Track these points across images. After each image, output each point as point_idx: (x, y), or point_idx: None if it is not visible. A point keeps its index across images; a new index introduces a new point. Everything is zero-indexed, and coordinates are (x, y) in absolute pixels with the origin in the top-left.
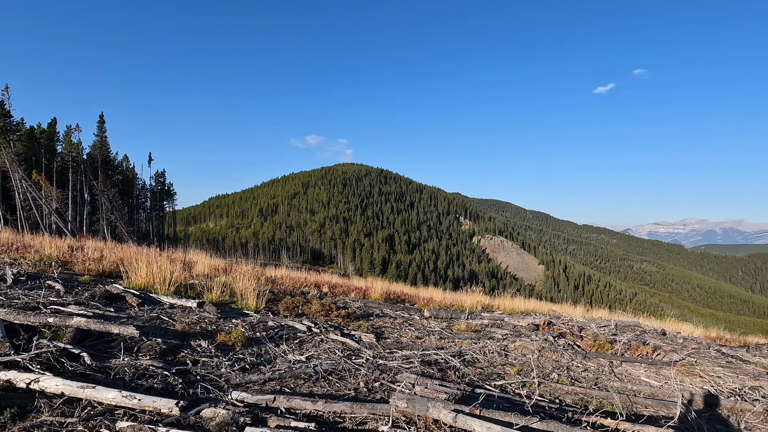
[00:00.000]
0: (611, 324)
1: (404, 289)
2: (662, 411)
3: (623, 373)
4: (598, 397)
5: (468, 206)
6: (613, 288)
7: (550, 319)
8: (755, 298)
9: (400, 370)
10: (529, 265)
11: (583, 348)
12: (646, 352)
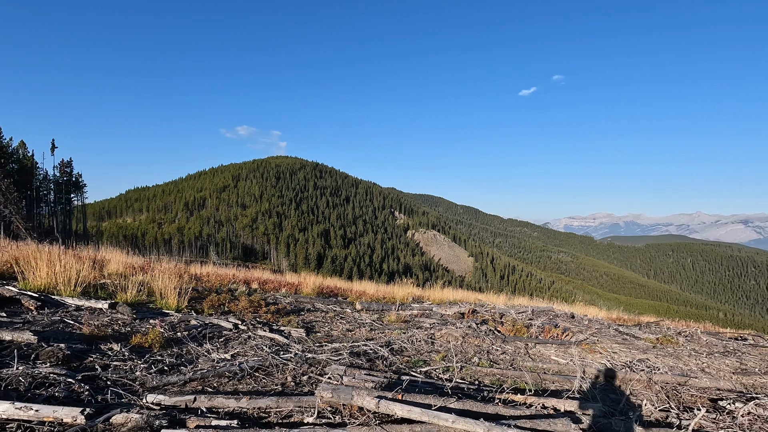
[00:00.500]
0: (528, 310)
1: (338, 284)
2: (566, 385)
3: (537, 353)
4: (512, 377)
5: (403, 201)
6: (534, 277)
7: (475, 308)
8: (650, 283)
9: (329, 362)
10: (460, 257)
11: (503, 333)
12: (556, 334)
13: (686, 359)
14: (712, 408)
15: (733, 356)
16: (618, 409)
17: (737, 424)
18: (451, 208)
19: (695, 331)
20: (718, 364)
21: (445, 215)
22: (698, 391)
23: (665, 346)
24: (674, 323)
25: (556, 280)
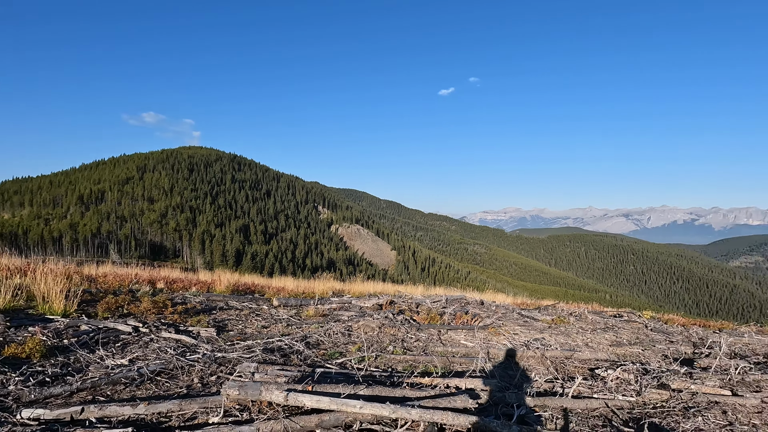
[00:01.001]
0: (443, 299)
1: (255, 280)
2: (471, 366)
3: (448, 339)
4: (423, 362)
5: (326, 195)
6: (452, 268)
7: (393, 299)
8: (552, 271)
9: (241, 360)
10: (383, 251)
11: (418, 321)
12: (467, 320)
13: (574, 336)
14: (590, 376)
15: (611, 331)
16: (513, 384)
17: (607, 388)
18: (375, 202)
19: (583, 311)
20: (599, 339)
21: (368, 210)
22: (581, 363)
23: (559, 325)
24: (568, 305)
25: (471, 270)
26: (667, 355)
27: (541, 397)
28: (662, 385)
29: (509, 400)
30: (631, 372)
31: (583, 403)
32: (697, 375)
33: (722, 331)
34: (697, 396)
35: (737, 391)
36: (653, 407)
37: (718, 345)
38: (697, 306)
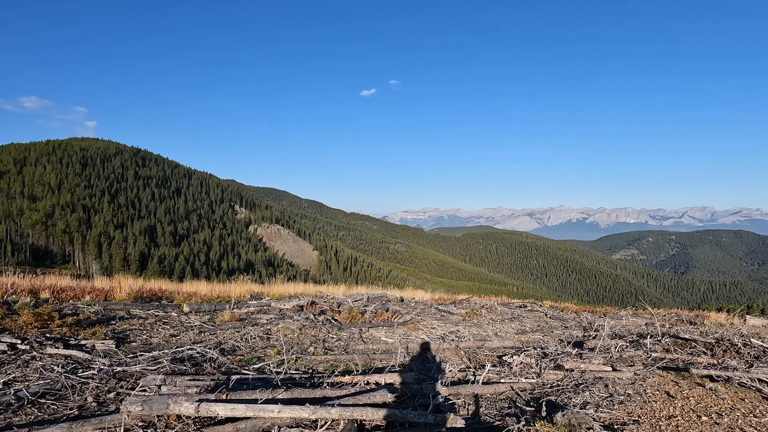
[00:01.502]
0: (364, 297)
1: (163, 286)
2: (391, 361)
3: (369, 336)
4: (345, 361)
5: (244, 194)
6: (374, 267)
7: (314, 300)
8: (467, 267)
9: (145, 373)
10: (305, 251)
11: (340, 321)
12: (387, 317)
13: (485, 327)
14: (498, 363)
15: (517, 321)
16: (430, 375)
17: (512, 372)
18: (296, 202)
19: (493, 303)
20: (506, 328)
21: (289, 209)
22: (491, 351)
23: (472, 318)
24: (480, 299)
25: (393, 268)
26: (562, 339)
27: (455, 386)
28: (558, 366)
29: (426, 391)
30: (532, 356)
31: (492, 388)
32: (585, 355)
33: (606, 316)
34: (586, 373)
35: (616, 367)
36: (550, 386)
37: (602, 328)
38: (588, 294)
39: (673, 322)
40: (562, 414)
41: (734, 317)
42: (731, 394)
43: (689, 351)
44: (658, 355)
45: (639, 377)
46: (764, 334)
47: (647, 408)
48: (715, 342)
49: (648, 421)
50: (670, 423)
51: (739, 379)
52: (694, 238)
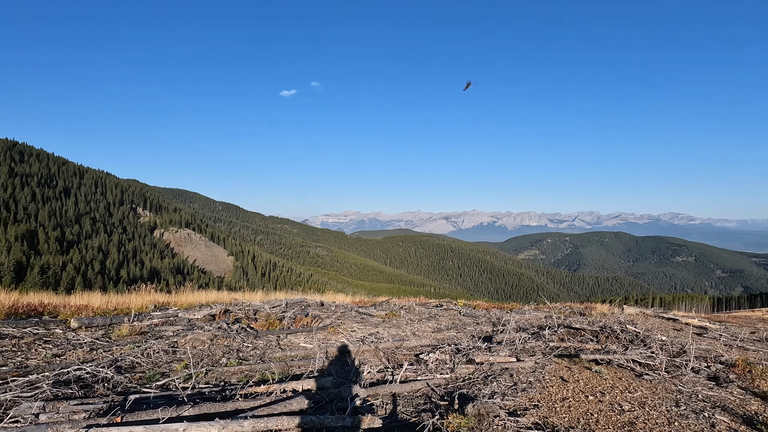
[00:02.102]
0: (282, 303)
1: (46, 299)
2: (310, 367)
3: (287, 343)
4: (261, 370)
5: (148, 196)
6: (294, 272)
7: (228, 308)
8: (387, 269)
9: (18, 401)
10: (219, 257)
11: (256, 328)
12: (307, 322)
13: (404, 327)
14: (416, 361)
15: (434, 319)
16: (349, 378)
17: (428, 369)
18: (209, 204)
19: (412, 304)
20: (424, 327)
21: (201, 212)
22: (409, 351)
23: (391, 319)
24: (399, 300)
25: (313, 272)
26: (474, 335)
27: (374, 387)
28: (470, 361)
29: (344, 394)
30: (447, 353)
31: (409, 386)
32: (494, 348)
33: (512, 311)
34: (494, 366)
35: (520, 357)
36: (463, 380)
37: (508, 322)
38: (497, 292)
39: (567, 314)
40: (473, 405)
41: (615, 307)
42: (612, 375)
43: (579, 339)
44: (554, 344)
45: (539, 365)
46: (637, 321)
47: (545, 393)
48: (599, 330)
49: (546, 405)
50: (563, 404)
51: (617, 361)
52: (583, 239)
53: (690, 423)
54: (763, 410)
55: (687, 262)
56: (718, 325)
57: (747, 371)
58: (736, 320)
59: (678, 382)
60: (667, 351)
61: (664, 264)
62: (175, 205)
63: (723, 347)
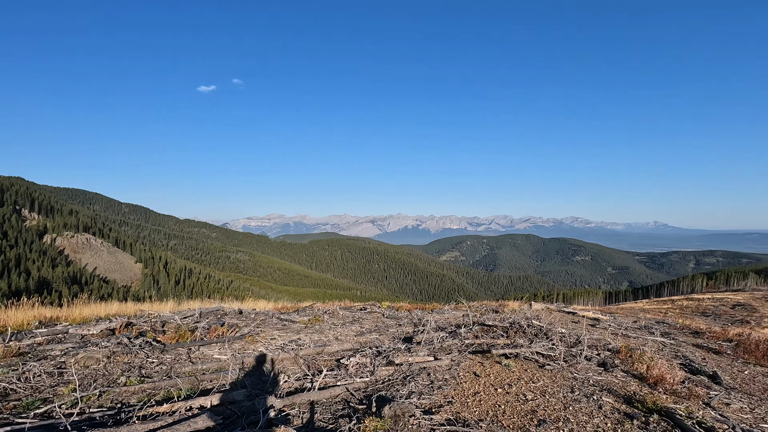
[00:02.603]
0: (196, 313)
1: None
2: (223, 380)
3: (200, 356)
4: (166, 387)
5: (37, 196)
6: (213, 278)
7: (131, 320)
8: (313, 274)
9: None
10: (125, 264)
11: (164, 342)
12: (222, 332)
13: (327, 332)
14: (336, 366)
15: (357, 323)
16: (264, 389)
17: (348, 374)
18: (113, 206)
19: (336, 308)
20: (347, 331)
21: (104, 215)
22: (330, 356)
23: (314, 324)
24: (324, 304)
25: (234, 279)
26: (396, 336)
27: (291, 396)
28: (390, 362)
29: (258, 406)
30: (367, 356)
31: (328, 392)
32: (414, 349)
33: (433, 311)
34: (413, 366)
35: (437, 356)
36: (382, 382)
37: (428, 323)
38: (421, 293)
39: (482, 312)
40: (389, 407)
41: (524, 304)
42: (519, 367)
43: (492, 335)
44: (469, 342)
45: (455, 363)
46: (542, 316)
47: (459, 389)
48: (509, 325)
49: (459, 400)
50: (475, 398)
51: (524, 354)
52: (499, 241)
53: (582, 406)
54: (640, 390)
55: (585, 261)
56: (609, 317)
57: (628, 356)
58: (623, 311)
59: (574, 370)
60: (566, 342)
61: (567, 263)
62: (71, 207)
63: (611, 336)
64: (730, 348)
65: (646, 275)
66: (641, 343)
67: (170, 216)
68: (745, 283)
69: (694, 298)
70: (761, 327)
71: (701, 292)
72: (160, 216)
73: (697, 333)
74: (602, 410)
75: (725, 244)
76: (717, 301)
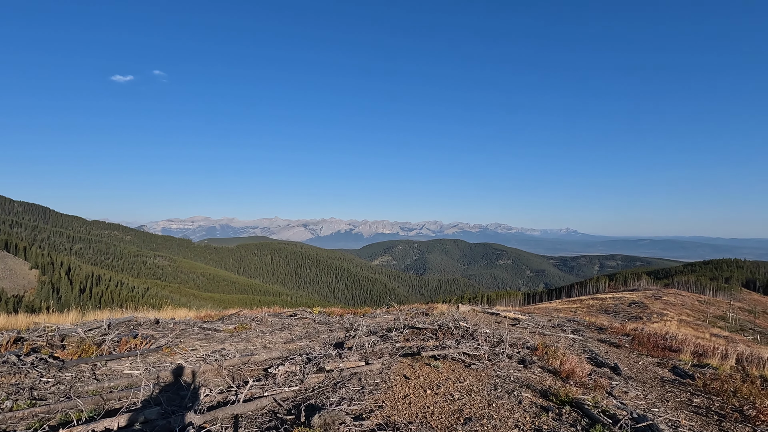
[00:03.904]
0: (104, 324)
1: None
2: (135, 398)
3: (106, 372)
4: (64, 410)
5: None
6: (126, 285)
7: (22, 335)
8: (240, 279)
9: None
10: (16, 271)
11: (63, 358)
12: (135, 345)
13: (254, 340)
14: (264, 376)
15: (287, 330)
16: (183, 405)
17: (277, 383)
18: (3, 204)
19: (264, 315)
20: (276, 339)
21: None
22: (257, 365)
23: (241, 332)
24: (252, 311)
25: (151, 286)
26: (327, 342)
27: (212, 411)
28: (320, 369)
29: (174, 424)
30: (297, 364)
31: (254, 404)
32: (345, 354)
33: (365, 316)
34: (344, 371)
35: (369, 361)
36: (312, 390)
37: (360, 327)
38: (353, 297)
39: (413, 315)
40: (319, 415)
41: (452, 306)
42: (447, 368)
43: (422, 338)
44: (400, 345)
45: (386, 366)
46: (469, 317)
47: (390, 392)
48: (438, 328)
49: (389, 404)
50: (405, 401)
51: (452, 355)
52: (429, 246)
53: (504, 402)
54: (554, 384)
55: (507, 265)
56: (527, 316)
57: (544, 353)
58: (540, 311)
59: (497, 368)
60: (490, 342)
61: (491, 266)
62: None
63: (529, 334)
64: (628, 341)
65: (559, 277)
66: (555, 340)
67: (75, 217)
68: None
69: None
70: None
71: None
72: (63, 216)
73: (601, 329)
74: (522, 405)
75: (623, 248)
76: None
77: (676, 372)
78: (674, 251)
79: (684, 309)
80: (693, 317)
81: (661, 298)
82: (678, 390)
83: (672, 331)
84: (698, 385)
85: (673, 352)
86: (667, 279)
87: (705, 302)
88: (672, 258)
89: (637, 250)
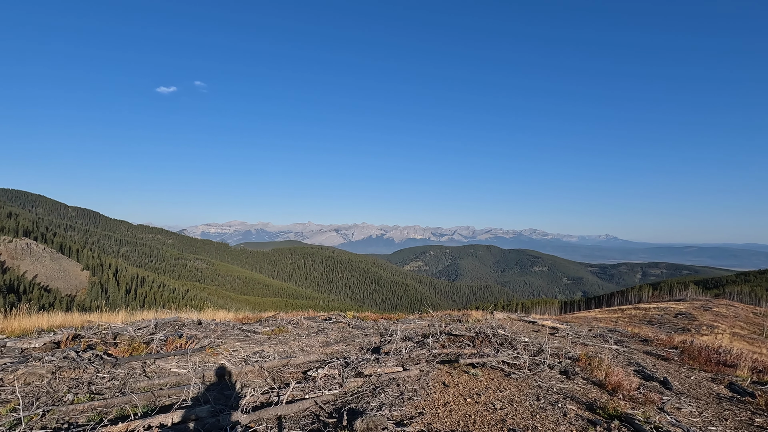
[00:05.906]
0: (151, 324)
1: None
2: (183, 396)
3: (155, 370)
4: (120, 404)
5: None
6: (168, 287)
7: (79, 332)
8: (275, 283)
9: None
10: (69, 272)
11: (116, 355)
12: (180, 344)
13: (291, 343)
14: (303, 378)
15: (322, 333)
16: (229, 404)
17: (317, 386)
18: (58, 209)
19: (300, 318)
20: (312, 342)
21: (48, 219)
22: (296, 368)
23: (278, 335)
24: (287, 315)
25: (190, 288)
26: (363, 347)
27: (257, 411)
28: (359, 374)
29: (223, 423)
30: (336, 367)
31: (296, 406)
32: (382, 359)
33: (399, 321)
34: (382, 377)
35: (406, 366)
36: (352, 394)
37: (395, 332)
38: (384, 302)
39: (447, 321)
40: (361, 420)
41: (487, 314)
42: (486, 376)
43: (458, 345)
44: (437, 351)
45: (423, 373)
46: (506, 325)
47: (429, 399)
48: (475, 335)
49: (430, 411)
50: (445, 408)
51: (490, 363)
52: (461, 252)
53: (548, 414)
54: (600, 396)
55: (542, 272)
56: (566, 325)
57: (588, 364)
58: (578, 320)
59: (538, 378)
60: (529, 350)
61: (525, 273)
62: (10, 209)
63: (570, 344)
64: (677, 355)
65: (598, 285)
66: (597, 350)
67: (123, 221)
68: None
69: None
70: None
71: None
72: (112, 221)
73: (646, 341)
74: (567, 417)
75: (668, 256)
76: (661, 310)
77: (733, 389)
78: (725, 259)
79: (737, 321)
80: (747, 330)
81: (711, 309)
82: (737, 408)
83: (725, 344)
84: (760, 404)
85: (728, 368)
86: (718, 289)
87: (761, 315)
88: (722, 266)
89: (683, 258)
